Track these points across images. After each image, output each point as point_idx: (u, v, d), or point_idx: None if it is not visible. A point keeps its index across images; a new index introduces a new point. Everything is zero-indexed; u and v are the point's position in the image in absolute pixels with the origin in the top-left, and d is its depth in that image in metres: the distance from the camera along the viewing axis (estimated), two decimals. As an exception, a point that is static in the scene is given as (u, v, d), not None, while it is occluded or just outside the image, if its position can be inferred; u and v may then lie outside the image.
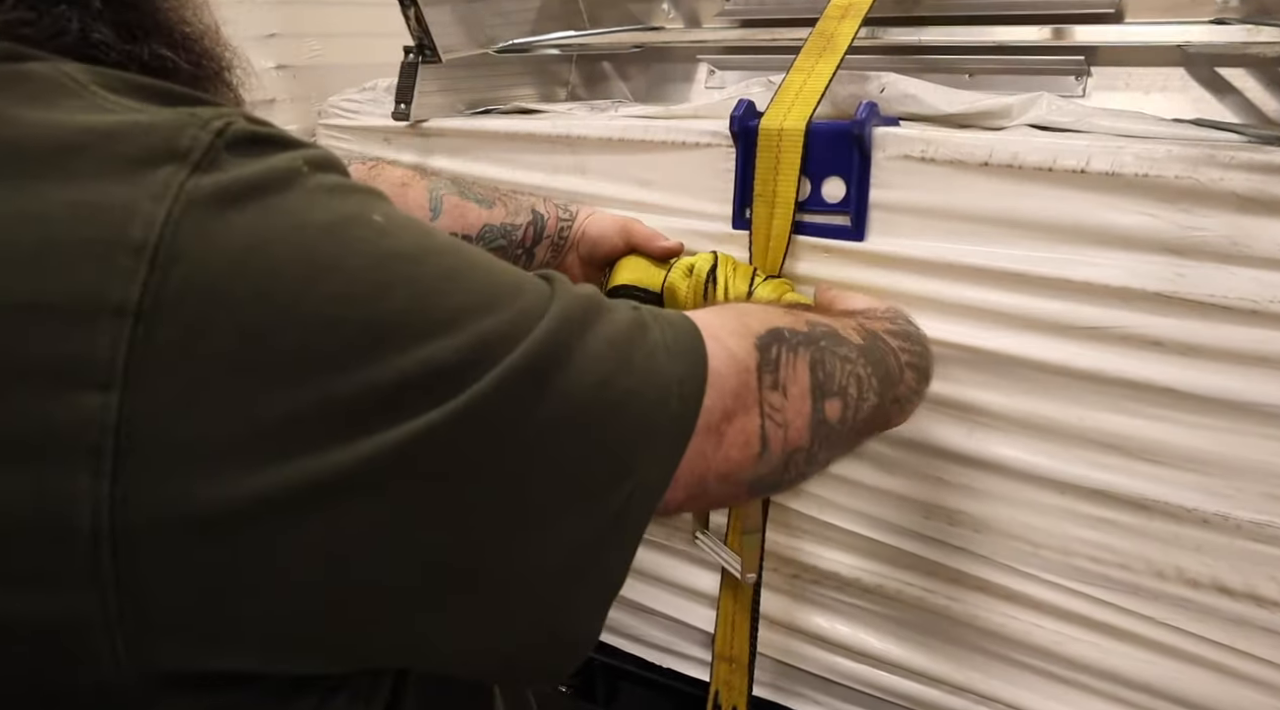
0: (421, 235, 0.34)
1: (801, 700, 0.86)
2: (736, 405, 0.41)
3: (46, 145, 0.29)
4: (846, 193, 0.70)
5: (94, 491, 0.27)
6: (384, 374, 0.30)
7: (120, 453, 0.27)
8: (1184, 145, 0.60)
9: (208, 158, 0.30)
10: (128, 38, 0.35)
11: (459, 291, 0.33)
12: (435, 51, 0.88)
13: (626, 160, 0.81)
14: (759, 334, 0.44)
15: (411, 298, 0.31)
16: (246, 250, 0.29)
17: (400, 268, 0.32)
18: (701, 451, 0.40)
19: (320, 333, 0.29)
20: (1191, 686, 0.67)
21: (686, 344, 0.40)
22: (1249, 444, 0.61)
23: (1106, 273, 0.63)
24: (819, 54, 0.73)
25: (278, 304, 0.29)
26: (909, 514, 0.75)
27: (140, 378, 0.27)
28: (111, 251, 0.27)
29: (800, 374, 0.45)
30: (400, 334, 0.31)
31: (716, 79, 1.03)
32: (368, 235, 0.32)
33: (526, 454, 0.33)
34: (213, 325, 0.28)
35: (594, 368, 0.35)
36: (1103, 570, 0.68)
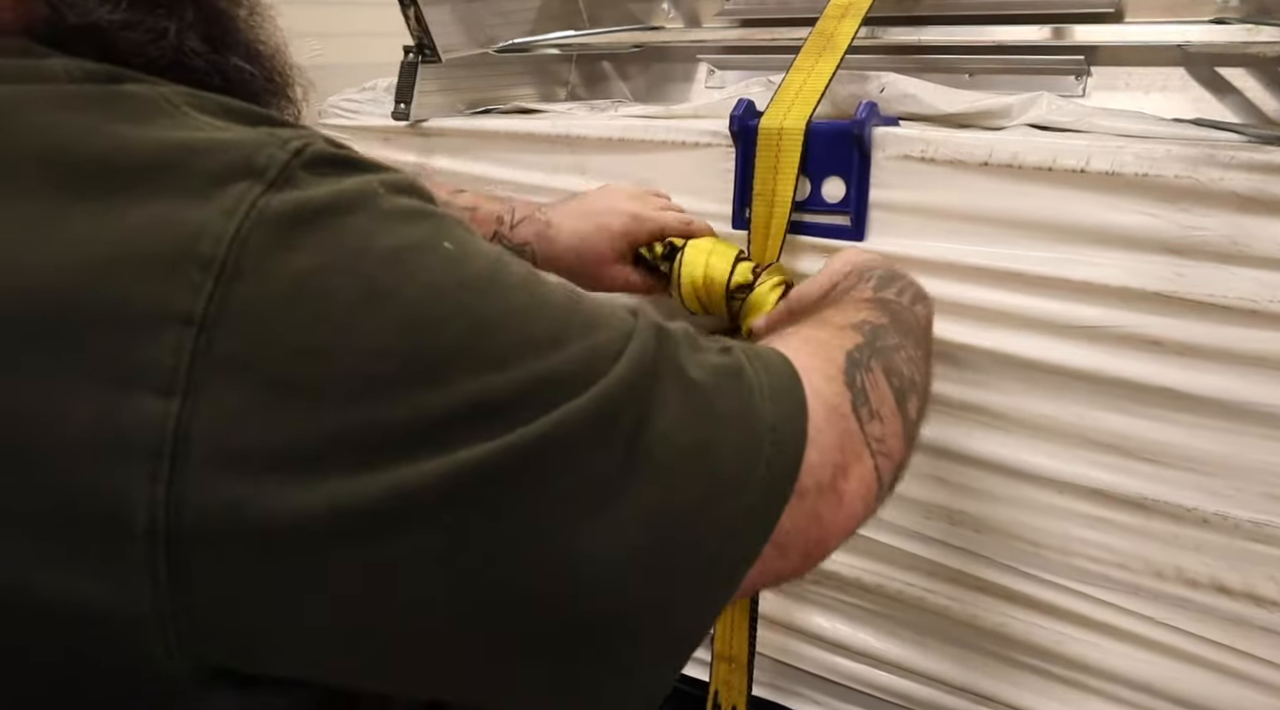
0: (492, 266, 0.33)
1: (801, 700, 0.86)
2: (848, 457, 0.40)
3: (136, 159, 0.30)
4: (846, 192, 0.70)
5: (151, 494, 0.28)
6: (433, 404, 0.30)
7: (176, 458, 0.28)
8: (1184, 145, 0.60)
9: (283, 176, 0.31)
10: (214, 49, 0.38)
11: (522, 326, 0.32)
12: (435, 51, 0.88)
13: (626, 160, 0.81)
14: (843, 368, 0.43)
15: (468, 331, 0.31)
16: (307, 272, 0.30)
17: (462, 298, 0.32)
18: (818, 515, 0.38)
19: (371, 360, 0.30)
20: (1191, 686, 0.67)
21: (785, 386, 0.38)
22: (1249, 444, 0.61)
23: (1106, 272, 0.63)
24: (819, 53, 0.73)
25: (332, 328, 0.29)
26: (909, 514, 0.75)
27: (200, 387, 0.28)
28: (181, 264, 0.29)
29: (885, 392, 0.44)
30: (452, 366, 0.30)
31: (716, 79, 1.03)
32: (433, 263, 0.32)
33: (583, 504, 0.32)
34: (269, 342, 0.29)
35: (670, 422, 0.34)
36: (1102, 570, 0.68)
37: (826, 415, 0.39)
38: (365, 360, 0.30)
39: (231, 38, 0.39)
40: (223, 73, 0.38)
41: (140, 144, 0.30)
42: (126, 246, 0.29)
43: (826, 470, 0.38)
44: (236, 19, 0.40)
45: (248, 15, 0.41)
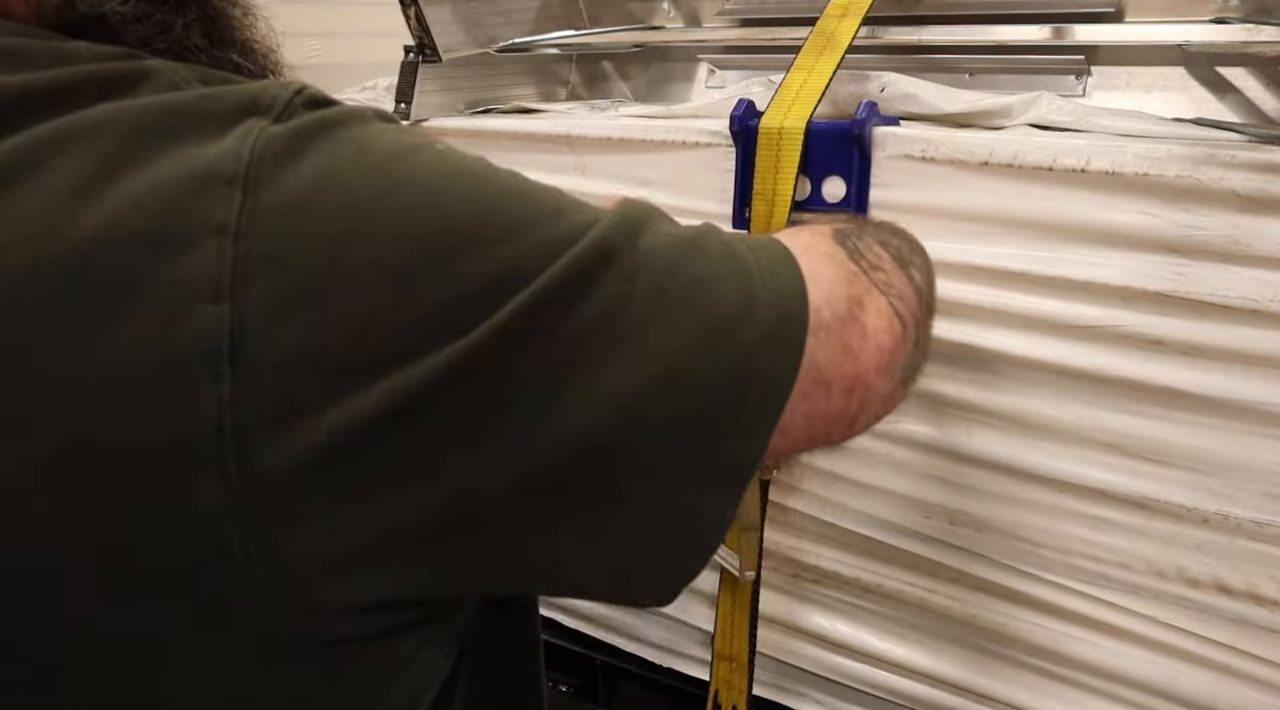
0: (482, 163, 0.37)
1: (802, 700, 0.86)
2: (858, 289, 0.41)
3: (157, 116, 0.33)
4: (846, 192, 0.70)
5: (216, 394, 0.30)
6: (463, 278, 0.32)
7: (234, 357, 0.30)
8: (1184, 144, 0.60)
9: (286, 111, 0.34)
10: (213, 45, 0.41)
11: (524, 204, 0.35)
12: (435, 51, 0.88)
13: (626, 160, 0.81)
14: (828, 234, 0.44)
15: (481, 208, 0.34)
16: (320, 174, 0.32)
17: (466, 182, 0.35)
18: (848, 345, 0.39)
19: (397, 243, 0.32)
20: (1192, 686, 0.67)
21: (763, 239, 0.40)
22: (1249, 443, 0.61)
23: (1107, 272, 0.63)
24: (819, 53, 0.73)
25: (354, 218, 0.32)
26: (909, 514, 0.75)
27: (243, 290, 0.31)
28: (211, 182, 0.31)
29: (880, 252, 0.45)
30: (471, 240, 0.33)
31: (717, 78, 1.03)
32: (430, 158, 0.35)
33: (609, 335, 0.34)
34: (297, 240, 0.31)
35: (663, 250, 0.36)
36: (1103, 570, 0.68)
37: (821, 260, 0.41)
38: (390, 245, 0.32)
39: (228, 35, 0.42)
40: (220, 67, 0.40)
41: (158, 104, 0.33)
42: (159, 184, 0.31)
43: (840, 303, 0.40)
44: (232, 18, 0.42)
45: (242, 15, 0.43)
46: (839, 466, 0.76)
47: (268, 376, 0.30)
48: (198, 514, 0.31)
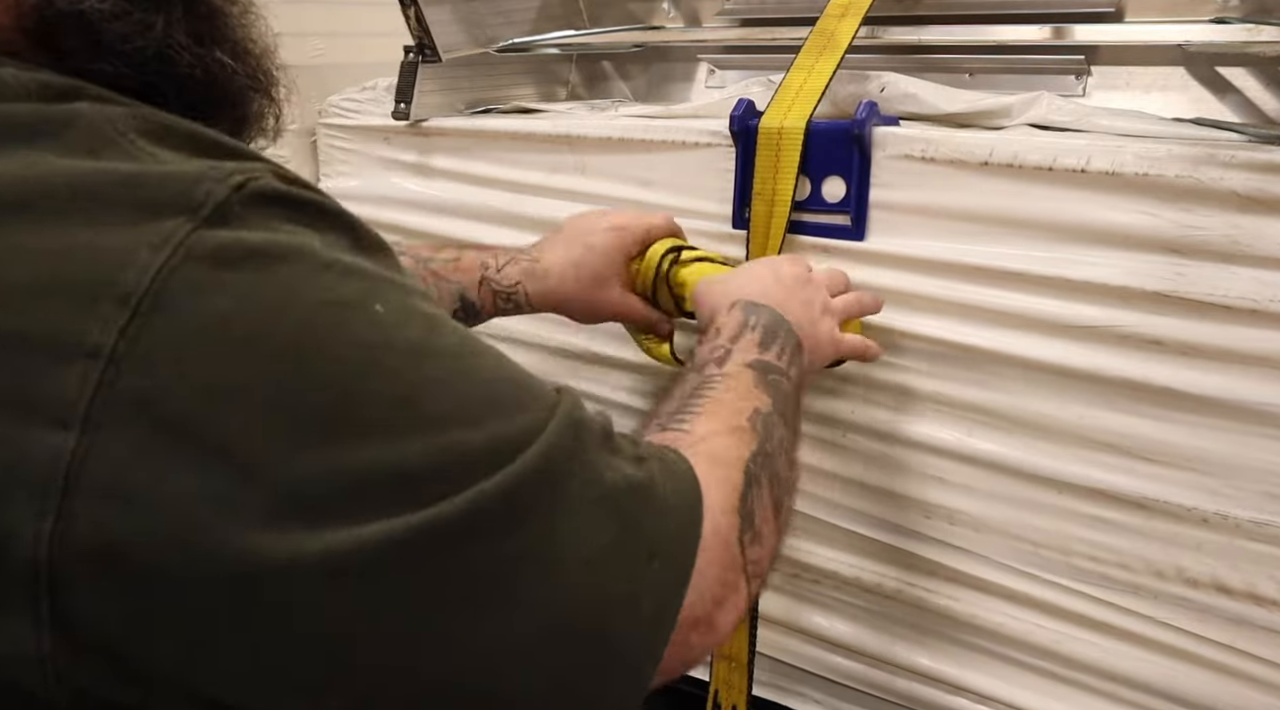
0: (424, 332, 0.33)
1: (801, 699, 0.86)
2: (725, 590, 0.40)
3: (70, 189, 0.30)
4: (847, 192, 0.70)
5: (37, 527, 0.27)
6: (343, 465, 0.29)
7: (67, 493, 0.27)
8: (1184, 144, 0.60)
9: (218, 212, 0.30)
10: (200, 43, 0.38)
11: (443, 398, 0.32)
12: (435, 51, 0.88)
13: (626, 160, 0.81)
14: (740, 490, 0.43)
15: (388, 396, 0.31)
16: (229, 314, 0.29)
17: (385, 362, 0.31)
18: (689, 643, 0.38)
19: (280, 414, 0.29)
20: (1191, 686, 0.67)
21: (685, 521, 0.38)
22: (1249, 443, 0.61)
23: (1106, 272, 0.63)
24: (819, 52, 0.73)
25: (246, 374, 0.29)
26: (909, 514, 0.75)
27: (99, 422, 0.27)
28: (98, 295, 0.28)
29: (768, 511, 0.44)
30: (368, 429, 0.30)
31: (716, 78, 1.03)
32: (360, 323, 0.31)
33: (480, 589, 0.31)
34: (177, 381, 0.28)
35: (576, 527, 0.34)
36: (1102, 569, 0.68)
37: (716, 553, 0.39)
38: (278, 410, 0.29)
39: (220, 34, 0.39)
40: (205, 67, 0.38)
41: (77, 174, 0.30)
42: (49, 273, 0.28)
43: (705, 606, 0.39)
44: (229, 16, 0.40)
45: (241, 14, 0.41)
46: (838, 466, 0.77)
47: (100, 519, 0.27)
48: (3, 649, 0.28)
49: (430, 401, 0.31)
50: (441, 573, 0.31)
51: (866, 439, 0.75)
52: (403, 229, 0.95)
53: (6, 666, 0.29)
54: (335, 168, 1.00)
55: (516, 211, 0.87)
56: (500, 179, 0.89)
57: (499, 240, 0.89)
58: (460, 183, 0.92)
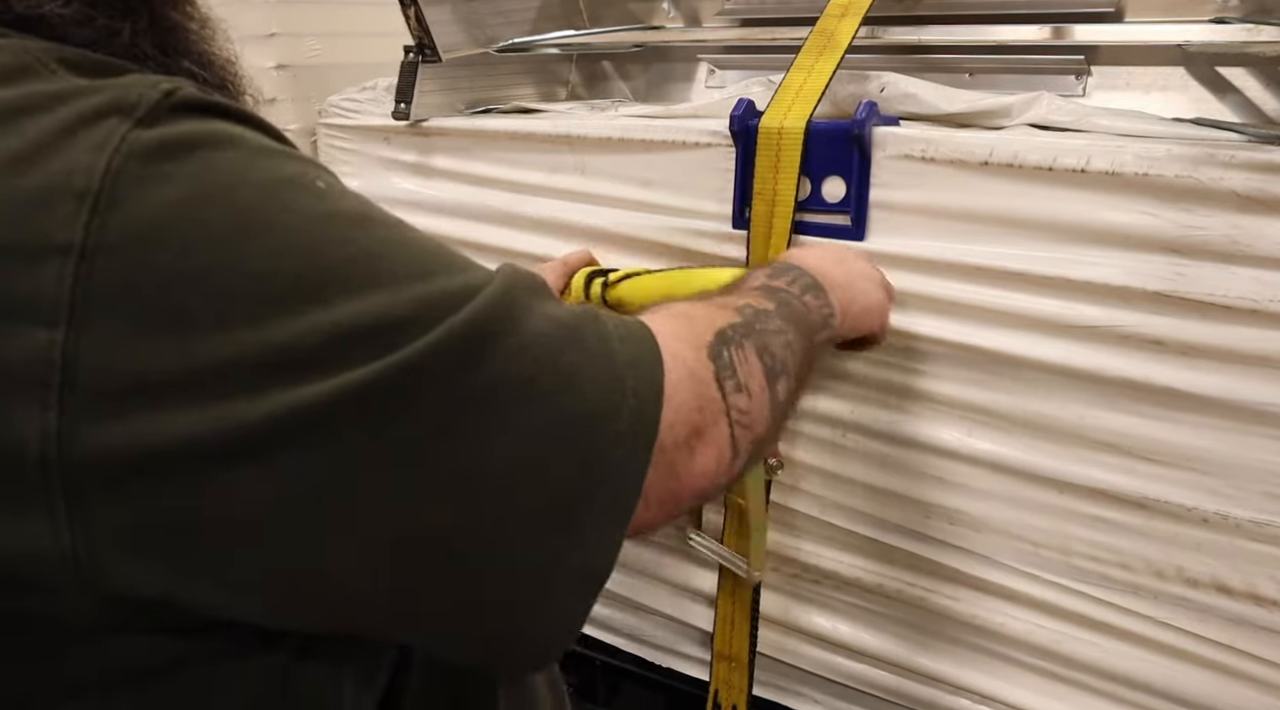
0: (363, 205, 0.35)
1: (801, 699, 0.86)
2: (704, 419, 0.40)
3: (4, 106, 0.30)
4: (846, 192, 0.70)
5: (42, 424, 0.28)
6: (317, 325, 0.30)
7: (65, 386, 0.28)
8: (1184, 144, 0.60)
9: (152, 114, 0.31)
10: (164, 53, 0.39)
11: (399, 257, 0.33)
12: (435, 51, 0.88)
13: (626, 160, 0.81)
14: (709, 342, 0.43)
15: (349, 257, 0.32)
16: (180, 202, 0.30)
17: (338, 228, 0.33)
18: (673, 467, 0.39)
19: (252, 283, 0.30)
20: (1191, 686, 0.67)
21: (639, 335, 0.39)
22: (1249, 444, 0.61)
23: (1106, 272, 0.63)
24: (819, 52, 0.73)
25: (209, 254, 0.30)
26: (909, 514, 0.75)
27: (84, 315, 0.28)
28: (55, 198, 0.29)
29: (755, 369, 0.45)
30: (335, 288, 0.31)
31: (716, 78, 1.03)
32: (304, 197, 0.33)
33: (474, 416, 0.33)
34: (150, 268, 0.29)
35: (541, 337, 0.35)
36: (1102, 569, 0.68)
37: (684, 377, 0.40)
38: (246, 284, 0.30)
39: (182, 45, 0.40)
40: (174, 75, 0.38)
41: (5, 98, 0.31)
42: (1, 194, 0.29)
43: (681, 429, 0.39)
44: (189, 30, 0.41)
45: (199, 28, 0.42)
46: (839, 466, 0.77)
47: (101, 407, 0.28)
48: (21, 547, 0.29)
49: (387, 259, 0.33)
50: (426, 405, 0.32)
51: (866, 439, 0.75)
52: (403, 229, 0.95)
53: (34, 568, 0.29)
54: (335, 168, 1.00)
55: (516, 211, 0.87)
56: (500, 179, 0.89)
57: (499, 240, 0.89)
58: (460, 183, 0.92)
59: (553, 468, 0.34)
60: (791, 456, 0.78)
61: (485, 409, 0.33)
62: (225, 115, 0.33)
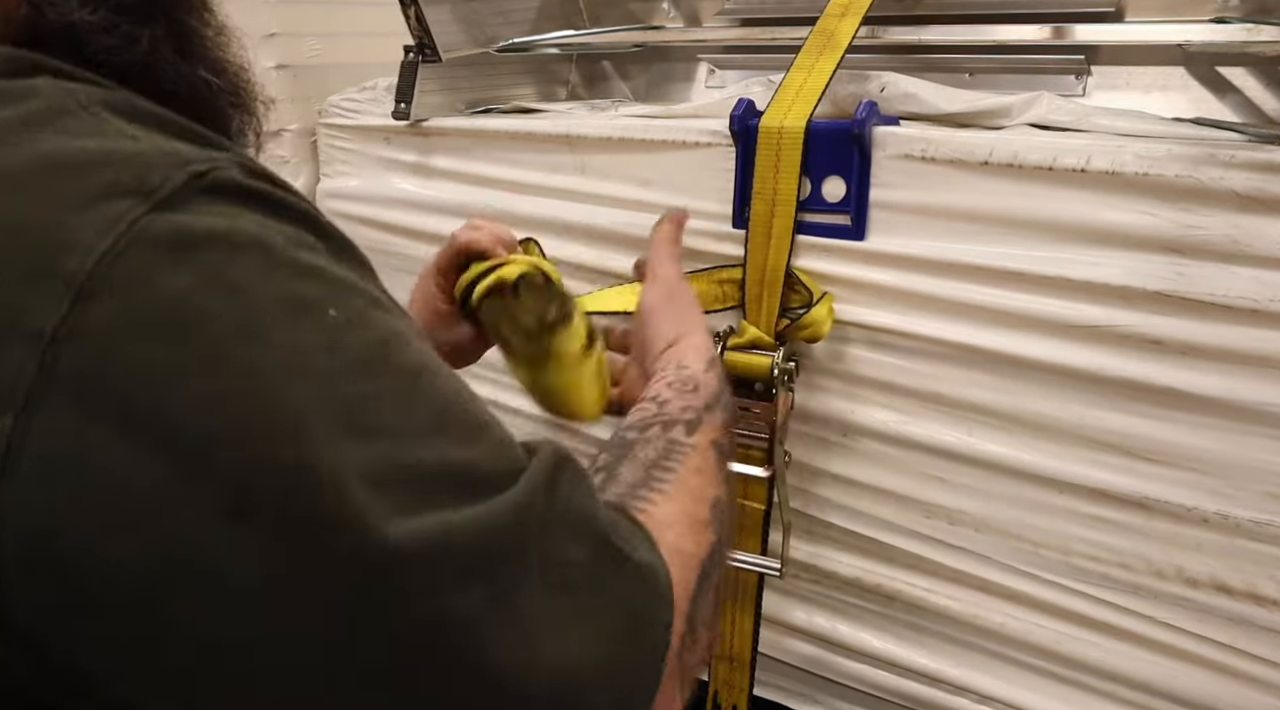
0: (381, 343, 0.31)
1: (801, 700, 0.86)
2: (665, 700, 0.37)
3: (18, 162, 0.29)
4: (847, 192, 0.70)
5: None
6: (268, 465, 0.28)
7: (4, 475, 0.26)
8: (1184, 144, 0.60)
9: (174, 198, 0.29)
10: (183, 59, 0.39)
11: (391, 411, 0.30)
12: (435, 51, 0.88)
13: (626, 160, 0.81)
14: (691, 594, 0.40)
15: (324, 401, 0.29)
16: (177, 300, 0.28)
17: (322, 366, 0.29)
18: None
19: (217, 405, 0.28)
20: (1191, 686, 0.67)
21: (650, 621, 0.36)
22: (1249, 443, 0.61)
23: (1107, 272, 0.63)
24: (819, 52, 0.73)
25: (183, 364, 0.28)
26: (909, 514, 0.75)
27: (39, 404, 0.27)
28: (41, 276, 0.27)
29: (709, 614, 0.42)
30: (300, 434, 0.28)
31: (717, 78, 1.03)
32: (310, 326, 0.30)
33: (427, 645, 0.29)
34: (119, 365, 0.27)
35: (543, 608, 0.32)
36: (1103, 569, 0.68)
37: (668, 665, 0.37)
38: (214, 400, 0.28)
39: (198, 52, 0.40)
40: (189, 83, 0.39)
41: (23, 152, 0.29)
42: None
43: None
44: (205, 37, 0.41)
45: (215, 35, 0.41)
46: (839, 466, 0.77)
47: (37, 501, 0.27)
48: None
49: (373, 414, 0.30)
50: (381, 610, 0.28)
51: (866, 439, 0.75)
52: (403, 229, 0.95)
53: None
54: (335, 168, 1.00)
55: (516, 211, 0.87)
56: (500, 179, 0.89)
57: (499, 240, 0.89)
58: (460, 183, 0.92)
59: None
60: (792, 457, 0.78)
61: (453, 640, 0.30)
62: (261, 202, 0.31)
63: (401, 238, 0.95)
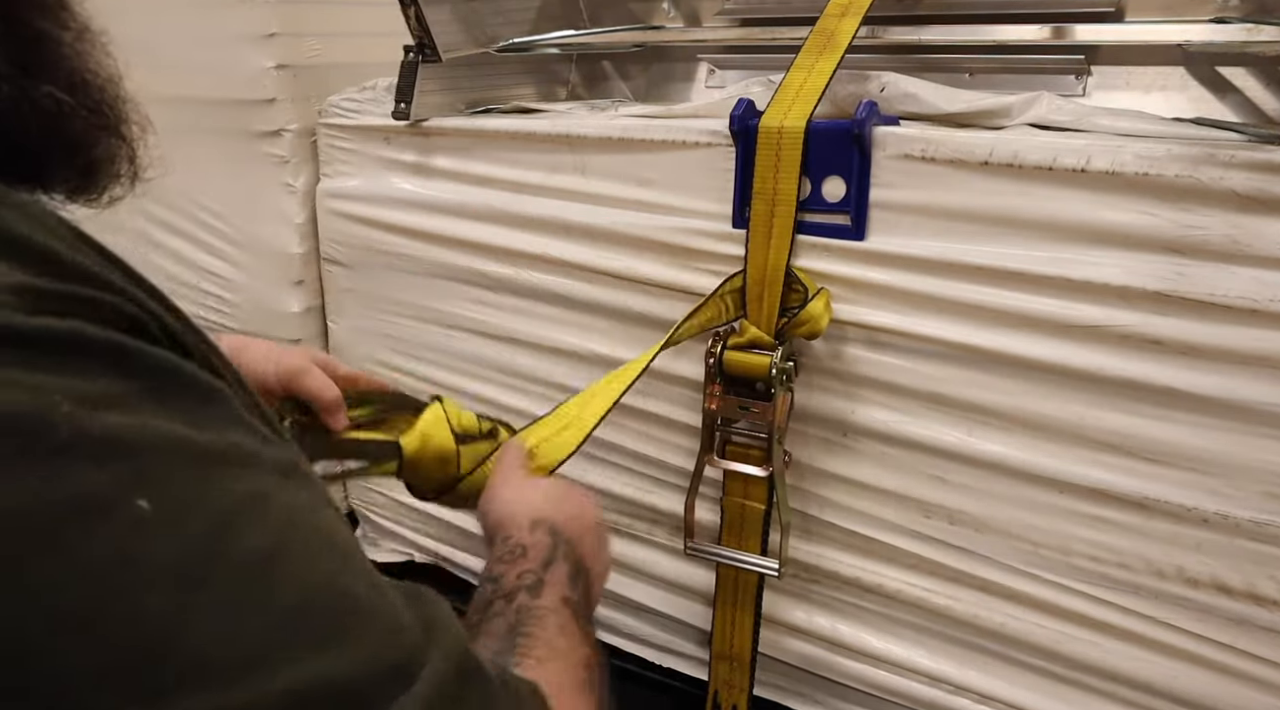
0: (205, 538, 0.24)
1: (801, 699, 0.86)
2: None
3: None
4: (847, 192, 0.70)
5: None
6: None
7: None
8: (1184, 144, 0.60)
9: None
10: (25, 73, 0.31)
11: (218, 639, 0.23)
12: (435, 51, 0.88)
13: (626, 160, 0.81)
14: None
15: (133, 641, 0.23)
16: None
17: (130, 595, 0.23)
18: None
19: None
20: (1191, 685, 0.67)
21: None
22: (1249, 444, 0.61)
23: (1106, 272, 0.63)
24: (819, 52, 0.73)
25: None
26: (909, 514, 0.75)
27: None
28: None
29: None
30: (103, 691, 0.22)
31: (717, 78, 1.03)
32: (110, 535, 0.23)
33: None
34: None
35: None
36: (1102, 569, 0.68)
37: None
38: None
39: (50, 63, 0.33)
40: (32, 101, 0.31)
41: None
42: None
43: None
44: (60, 44, 0.33)
45: (74, 40, 0.34)
46: (839, 466, 0.77)
47: None
48: None
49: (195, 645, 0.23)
50: None
51: (866, 439, 0.75)
52: (403, 229, 0.95)
53: None
54: (335, 168, 1.00)
55: (516, 211, 0.87)
56: (500, 179, 0.89)
57: (499, 240, 0.89)
58: (460, 183, 0.92)
59: None
60: (792, 456, 0.78)
61: None
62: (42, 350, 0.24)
63: (401, 238, 0.95)
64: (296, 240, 1.03)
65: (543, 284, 0.87)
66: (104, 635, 0.22)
